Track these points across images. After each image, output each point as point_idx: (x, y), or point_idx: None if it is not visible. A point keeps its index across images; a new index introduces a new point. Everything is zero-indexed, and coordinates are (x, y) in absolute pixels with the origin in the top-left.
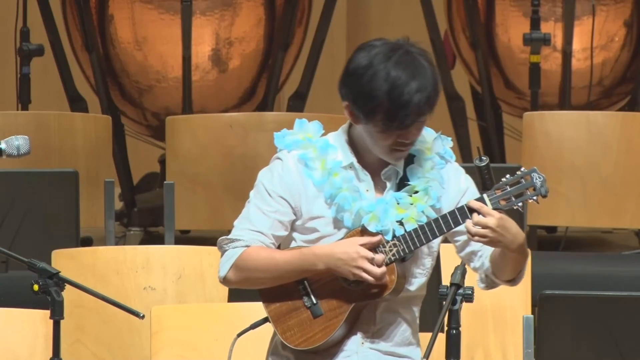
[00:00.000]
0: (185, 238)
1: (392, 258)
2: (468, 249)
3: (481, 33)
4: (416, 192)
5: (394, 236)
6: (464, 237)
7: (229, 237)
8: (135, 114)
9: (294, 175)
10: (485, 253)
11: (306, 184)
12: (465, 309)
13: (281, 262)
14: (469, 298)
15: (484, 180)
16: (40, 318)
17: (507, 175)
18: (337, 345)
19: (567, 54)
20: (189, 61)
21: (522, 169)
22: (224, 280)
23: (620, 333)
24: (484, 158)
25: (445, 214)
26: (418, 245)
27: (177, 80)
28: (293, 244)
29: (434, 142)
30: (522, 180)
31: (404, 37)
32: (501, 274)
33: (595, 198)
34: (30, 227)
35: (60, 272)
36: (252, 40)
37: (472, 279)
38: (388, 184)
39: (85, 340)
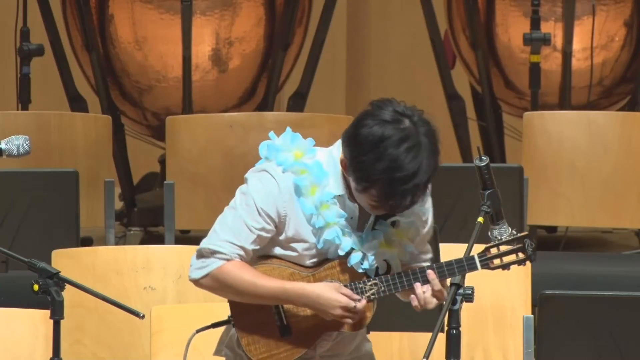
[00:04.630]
0: (185, 238)
1: (371, 297)
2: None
3: (481, 33)
4: (398, 224)
5: (376, 274)
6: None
7: (210, 247)
8: (135, 114)
9: (286, 196)
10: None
11: (296, 208)
12: (465, 309)
13: (261, 290)
14: (469, 298)
15: (484, 181)
16: (40, 318)
17: (503, 238)
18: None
19: (567, 54)
20: (189, 61)
21: (514, 232)
22: (195, 282)
23: (620, 333)
24: (484, 158)
25: (433, 265)
26: (399, 289)
27: (177, 80)
28: (271, 253)
29: None
30: (514, 243)
31: (414, 111)
32: None
33: (595, 198)
34: (30, 227)
35: (60, 272)
36: (252, 40)
37: (472, 279)
38: (371, 218)
39: (85, 340)
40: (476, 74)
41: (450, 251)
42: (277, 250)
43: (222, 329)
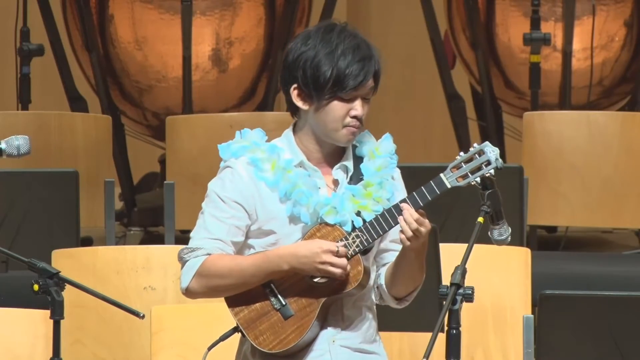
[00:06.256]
0: (185, 238)
1: (357, 249)
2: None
3: (481, 33)
4: (368, 184)
5: (353, 227)
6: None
7: (188, 246)
8: (135, 113)
9: (246, 179)
10: (386, 267)
11: (259, 187)
12: (465, 309)
13: (246, 266)
14: (469, 298)
15: (484, 181)
16: (40, 318)
17: (461, 153)
18: (309, 345)
19: (567, 54)
20: (189, 61)
21: (475, 145)
22: (187, 292)
23: (620, 333)
24: None
25: (405, 198)
26: (381, 233)
27: (177, 80)
28: (251, 252)
29: (383, 143)
30: (476, 155)
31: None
32: (393, 286)
33: (595, 198)
34: (30, 227)
35: (60, 272)
36: (252, 40)
37: (472, 279)
38: (340, 180)
39: (85, 340)
40: (476, 74)
41: (451, 251)
42: (257, 244)
43: (234, 349)
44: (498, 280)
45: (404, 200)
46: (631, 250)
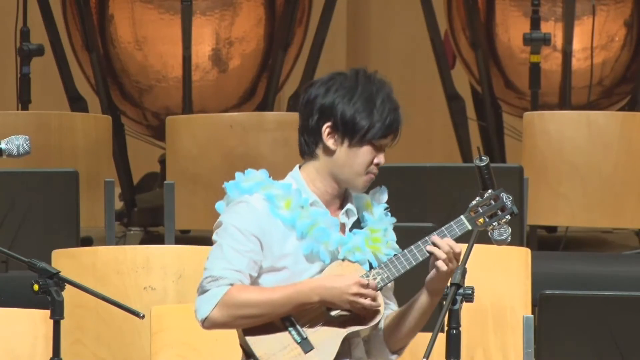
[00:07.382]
0: (185, 238)
1: (379, 286)
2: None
3: (481, 33)
4: (376, 232)
5: (371, 267)
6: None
7: (210, 275)
8: (135, 113)
9: (262, 214)
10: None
11: (275, 223)
12: (465, 309)
13: (276, 297)
14: (469, 298)
15: (484, 181)
16: (40, 318)
17: (477, 198)
18: None
19: (567, 54)
20: (189, 61)
21: (490, 191)
22: (206, 320)
23: (620, 333)
24: (484, 158)
25: (425, 239)
26: (402, 271)
27: (177, 80)
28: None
29: (377, 194)
30: (492, 201)
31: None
32: (398, 337)
33: (595, 198)
34: (30, 227)
35: (60, 272)
36: (252, 40)
37: (472, 279)
38: (347, 223)
39: (85, 340)
40: (476, 74)
41: None
42: (267, 280)
43: None
44: (498, 280)
45: (424, 241)
46: (631, 250)
